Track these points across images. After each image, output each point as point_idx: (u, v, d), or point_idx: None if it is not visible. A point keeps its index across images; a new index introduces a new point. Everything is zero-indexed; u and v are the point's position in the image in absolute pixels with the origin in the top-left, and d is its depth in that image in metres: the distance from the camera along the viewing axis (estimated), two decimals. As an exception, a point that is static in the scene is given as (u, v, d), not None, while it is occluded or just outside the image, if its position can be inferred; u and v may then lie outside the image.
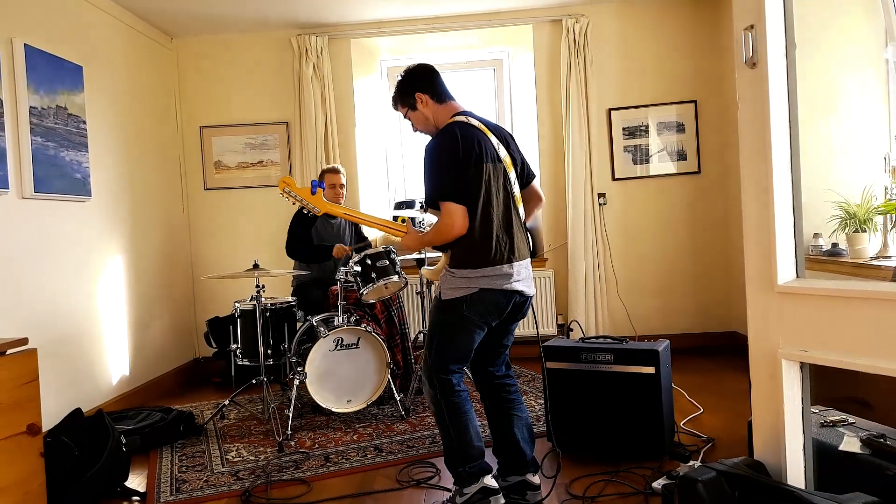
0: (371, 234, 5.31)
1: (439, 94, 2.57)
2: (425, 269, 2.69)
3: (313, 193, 2.64)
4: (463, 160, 2.36)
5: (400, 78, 2.60)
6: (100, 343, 4.06)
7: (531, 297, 2.53)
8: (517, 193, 2.53)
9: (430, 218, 2.64)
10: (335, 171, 4.38)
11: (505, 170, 2.48)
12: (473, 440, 2.45)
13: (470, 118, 2.49)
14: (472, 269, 2.38)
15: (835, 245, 3.42)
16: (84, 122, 3.94)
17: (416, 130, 2.66)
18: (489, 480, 2.44)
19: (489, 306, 2.41)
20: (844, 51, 3.67)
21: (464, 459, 2.43)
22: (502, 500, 2.46)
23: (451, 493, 2.50)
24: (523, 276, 2.46)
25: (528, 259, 2.53)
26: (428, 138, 2.55)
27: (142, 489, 2.95)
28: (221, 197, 5.33)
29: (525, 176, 2.64)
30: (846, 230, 3.34)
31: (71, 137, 3.79)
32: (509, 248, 2.42)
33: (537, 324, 2.95)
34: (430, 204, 2.43)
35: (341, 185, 4.37)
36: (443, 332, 2.46)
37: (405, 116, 2.64)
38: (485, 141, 2.43)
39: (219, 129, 5.29)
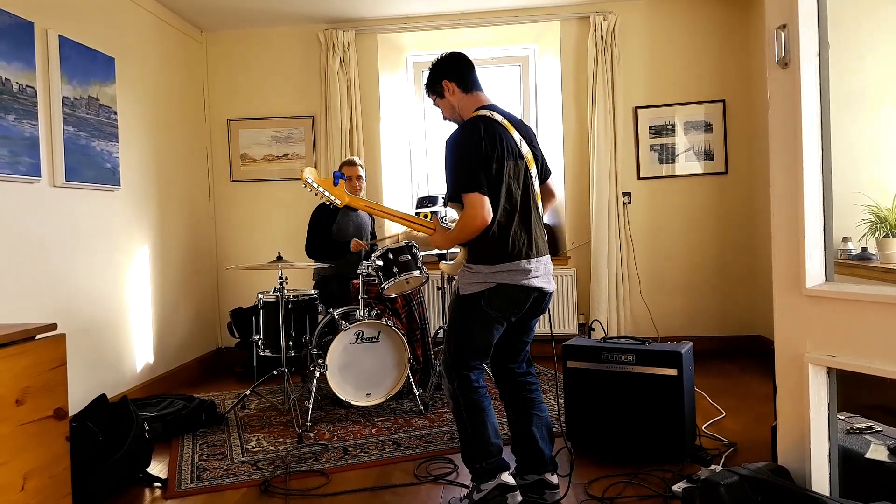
0: (393, 228, 5.33)
1: (467, 83, 2.56)
2: (444, 264, 2.69)
3: (335, 185, 2.62)
4: (485, 156, 2.36)
5: (432, 64, 2.61)
6: (125, 331, 4.13)
7: (551, 293, 2.52)
8: (537, 190, 2.53)
9: (451, 213, 2.64)
10: (352, 164, 4.39)
11: (526, 166, 2.47)
12: (491, 437, 2.44)
13: (494, 112, 2.48)
14: (490, 265, 2.39)
15: (864, 250, 3.35)
16: (115, 113, 3.99)
17: (445, 119, 2.67)
18: (506, 477, 2.44)
19: (507, 301, 2.41)
20: (878, 52, 3.60)
21: (481, 455, 2.43)
22: (519, 497, 2.45)
23: (468, 490, 2.51)
24: (542, 273, 2.45)
25: (548, 255, 2.53)
26: (451, 130, 2.55)
27: (163, 475, 2.99)
28: (247, 189, 5.38)
29: (542, 173, 2.63)
30: (876, 235, 3.28)
31: (102, 128, 3.85)
32: (527, 244, 2.42)
33: (552, 323, 2.94)
34: (452, 197, 2.43)
35: (358, 178, 4.38)
36: (462, 328, 2.46)
37: (434, 104, 2.65)
38: (507, 137, 2.43)
39: (246, 121, 5.34)
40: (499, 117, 2.47)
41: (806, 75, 1.67)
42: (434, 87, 2.59)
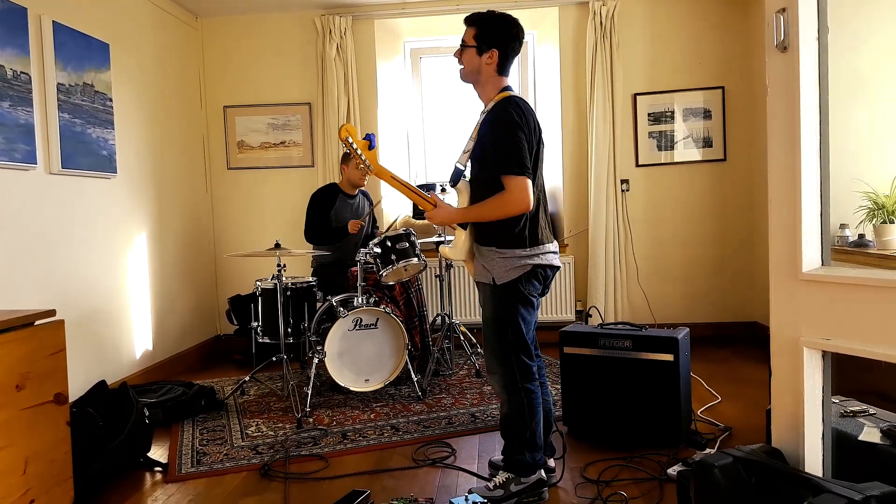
0: (392, 218, 5.33)
1: (505, 65, 2.46)
2: (446, 248, 2.61)
3: (371, 148, 2.58)
4: (530, 140, 2.36)
5: (496, 15, 2.44)
6: (124, 318, 4.13)
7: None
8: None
9: (451, 197, 2.63)
10: None
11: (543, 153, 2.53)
12: (542, 431, 2.48)
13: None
14: (525, 249, 2.39)
15: (861, 236, 3.37)
16: (110, 100, 3.98)
17: (457, 59, 2.51)
18: (544, 473, 2.48)
19: (539, 281, 2.44)
20: (878, 38, 3.60)
21: (532, 448, 2.44)
22: (547, 495, 2.48)
23: (498, 481, 2.46)
24: (556, 252, 2.51)
25: None
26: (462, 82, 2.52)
27: (163, 460, 3.01)
28: (244, 176, 5.37)
29: None
30: (873, 221, 3.29)
31: (97, 115, 3.84)
32: (549, 228, 2.50)
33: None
34: (502, 172, 2.31)
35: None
36: (514, 315, 2.40)
37: (462, 46, 2.47)
38: (538, 123, 2.46)
39: (242, 108, 5.32)
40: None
41: (805, 59, 1.67)
42: (482, 39, 2.41)
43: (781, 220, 1.74)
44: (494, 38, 2.41)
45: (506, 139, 2.31)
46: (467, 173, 2.57)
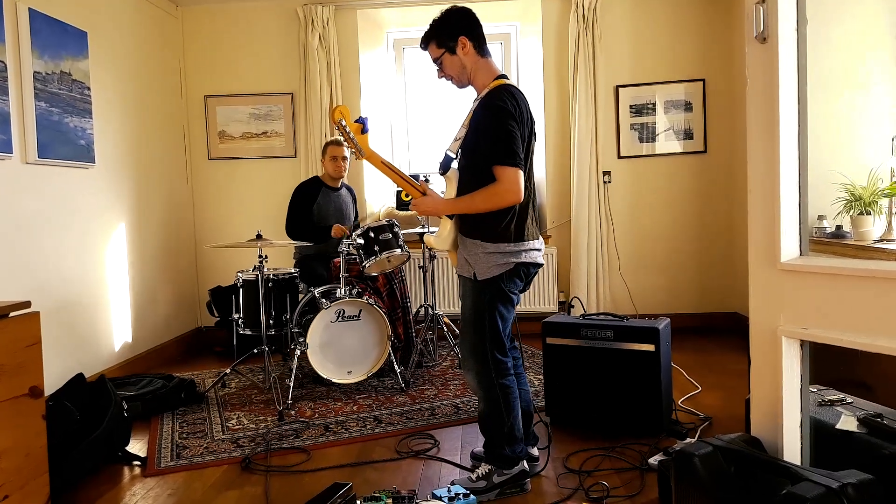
0: (374, 209, 5.31)
1: (482, 45, 2.44)
2: (430, 237, 2.59)
3: (364, 132, 2.50)
4: (522, 130, 2.31)
5: (442, 15, 2.44)
6: (103, 310, 4.08)
7: None
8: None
9: (434, 188, 2.59)
10: (338, 144, 4.35)
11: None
12: (521, 424, 2.47)
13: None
14: (510, 244, 2.35)
15: (839, 227, 3.41)
16: (88, 89, 3.91)
17: (442, 77, 2.50)
18: (526, 464, 2.48)
19: (521, 279, 2.41)
20: (858, 31, 3.63)
21: (512, 441, 2.43)
22: (529, 486, 2.48)
23: (480, 472, 2.45)
24: (541, 249, 2.48)
25: None
26: (457, 89, 2.50)
27: (143, 454, 2.98)
28: (225, 167, 5.31)
29: None
30: (851, 212, 3.33)
31: (75, 103, 3.78)
32: (536, 224, 2.46)
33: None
34: (493, 162, 2.27)
35: (343, 158, 4.35)
36: (492, 312, 2.38)
37: (436, 60, 2.47)
38: (531, 115, 2.42)
39: (223, 98, 5.25)
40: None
41: (784, 50, 1.68)
42: (445, 42, 2.40)
43: (760, 210, 1.75)
44: (454, 30, 2.41)
45: (497, 128, 2.26)
46: (456, 163, 2.53)
